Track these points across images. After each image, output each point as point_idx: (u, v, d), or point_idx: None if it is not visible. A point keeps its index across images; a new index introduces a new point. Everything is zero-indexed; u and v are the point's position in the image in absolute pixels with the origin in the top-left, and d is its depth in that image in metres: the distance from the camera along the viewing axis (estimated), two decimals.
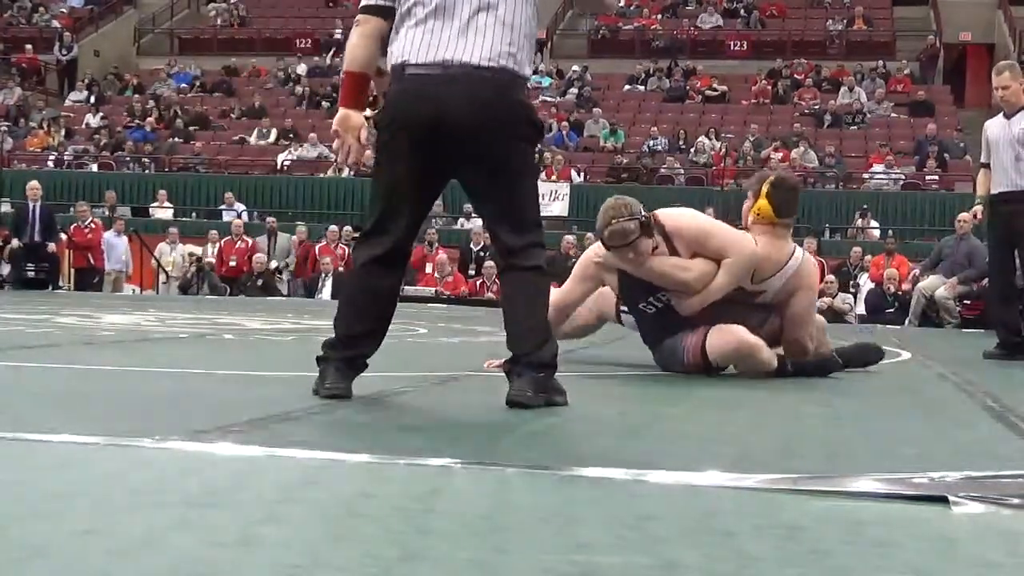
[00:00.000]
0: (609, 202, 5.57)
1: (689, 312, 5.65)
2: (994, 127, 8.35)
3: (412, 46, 3.91)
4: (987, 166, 8.43)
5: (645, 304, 5.76)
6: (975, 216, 8.83)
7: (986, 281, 11.66)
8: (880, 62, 28.17)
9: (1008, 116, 8.23)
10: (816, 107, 26.55)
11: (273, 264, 19.61)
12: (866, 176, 23.61)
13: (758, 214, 5.88)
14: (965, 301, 15.16)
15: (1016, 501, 2.39)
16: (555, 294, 6.02)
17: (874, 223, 21.28)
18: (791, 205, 5.97)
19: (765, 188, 5.90)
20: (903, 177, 23.24)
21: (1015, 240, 8.23)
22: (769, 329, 5.83)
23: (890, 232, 20.53)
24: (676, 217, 5.78)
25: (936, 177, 23.05)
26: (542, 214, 4.22)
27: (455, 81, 3.86)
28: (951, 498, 2.36)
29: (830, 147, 23.99)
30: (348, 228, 20.45)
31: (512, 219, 3.98)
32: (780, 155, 23.81)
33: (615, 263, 5.68)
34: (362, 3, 4.09)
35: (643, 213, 5.51)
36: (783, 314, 5.88)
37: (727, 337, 5.56)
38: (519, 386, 3.91)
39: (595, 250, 5.84)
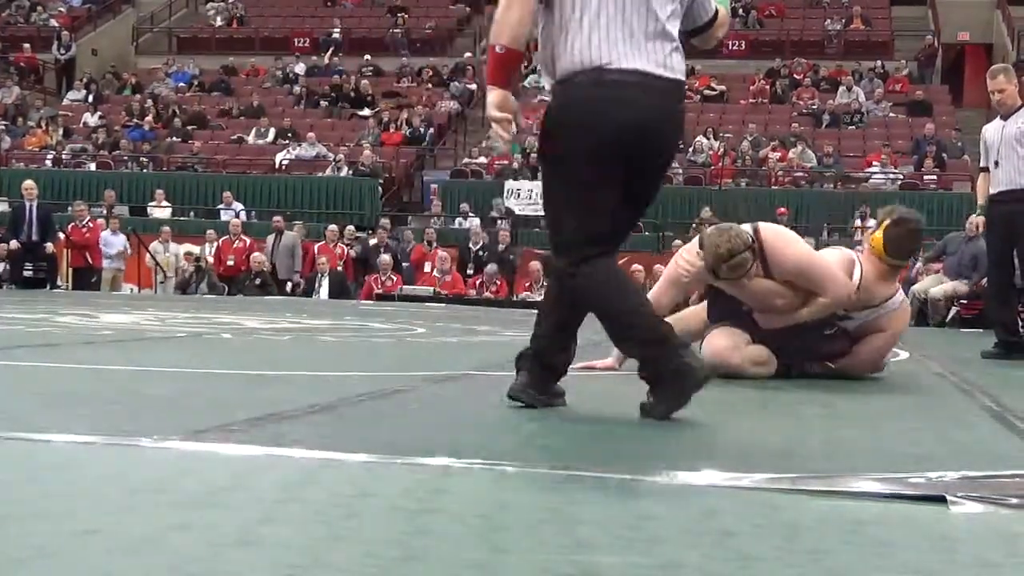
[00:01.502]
0: (721, 234, 5.36)
1: (768, 327, 5.62)
2: (991, 129, 8.38)
3: (612, 49, 3.71)
4: (987, 170, 8.44)
5: (728, 312, 5.72)
6: (976, 228, 8.85)
7: (984, 280, 11.66)
8: (878, 62, 28.18)
9: (1005, 117, 8.25)
10: (814, 107, 26.56)
11: (294, 285, 19.41)
12: (863, 175, 23.61)
13: (871, 245, 5.81)
14: (962, 300, 15.14)
15: (1014, 501, 2.39)
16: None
17: (872, 222, 21.28)
18: (902, 247, 5.78)
19: (886, 222, 5.80)
20: (901, 177, 23.25)
21: (1014, 239, 8.24)
22: (828, 350, 5.79)
23: None
24: (777, 240, 5.57)
25: (934, 177, 23.07)
26: (541, 213, 4.21)
27: (654, 91, 3.74)
28: (949, 498, 2.37)
29: (828, 147, 24.00)
30: (351, 228, 20.46)
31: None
32: (778, 155, 23.83)
33: (706, 279, 5.59)
34: None
35: (750, 236, 5.41)
36: (859, 347, 5.82)
37: (708, 345, 5.56)
38: (524, 383, 3.90)
39: (686, 261, 5.60)
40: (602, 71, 3.70)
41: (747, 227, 5.52)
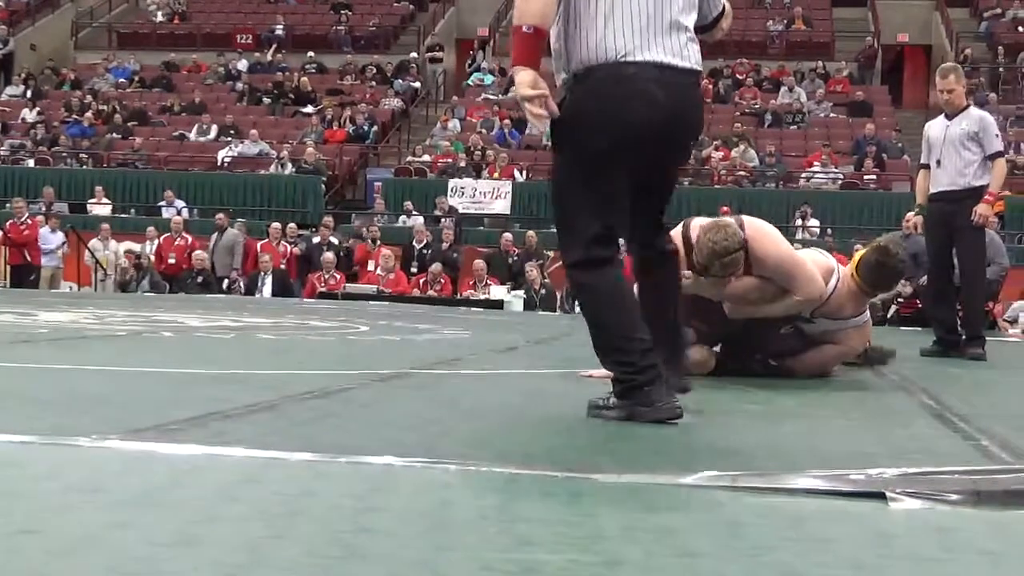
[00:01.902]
0: (718, 231, 5.30)
1: (736, 317, 5.64)
2: (935, 128, 8.41)
3: (628, 40, 3.66)
4: (927, 167, 8.49)
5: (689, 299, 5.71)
6: (915, 228, 8.89)
7: (924, 279, 11.78)
8: (819, 62, 28.44)
9: (950, 117, 8.30)
10: (756, 106, 26.74)
11: (231, 282, 19.15)
12: (805, 175, 23.82)
13: (853, 262, 5.81)
14: (899, 299, 15.30)
15: (952, 497, 2.42)
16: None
17: (813, 221, 21.49)
18: (872, 276, 5.73)
19: (872, 245, 5.84)
20: (842, 176, 23.48)
21: (953, 239, 8.32)
22: (778, 348, 5.83)
23: (829, 231, 20.73)
24: (760, 236, 5.55)
25: (874, 177, 23.31)
26: (485, 212, 4.18)
27: (673, 82, 3.70)
28: (888, 494, 2.39)
29: (770, 146, 24.18)
30: (293, 225, 20.32)
31: (658, 217, 3.96)
32: (721, 154, 23.97)
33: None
34: None
35: (741, 234, 5.38)
36: (808, 353, 5.86)
37: None
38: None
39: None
40: (620, 65, 3.66)
41: (730, 220, 5.53)
